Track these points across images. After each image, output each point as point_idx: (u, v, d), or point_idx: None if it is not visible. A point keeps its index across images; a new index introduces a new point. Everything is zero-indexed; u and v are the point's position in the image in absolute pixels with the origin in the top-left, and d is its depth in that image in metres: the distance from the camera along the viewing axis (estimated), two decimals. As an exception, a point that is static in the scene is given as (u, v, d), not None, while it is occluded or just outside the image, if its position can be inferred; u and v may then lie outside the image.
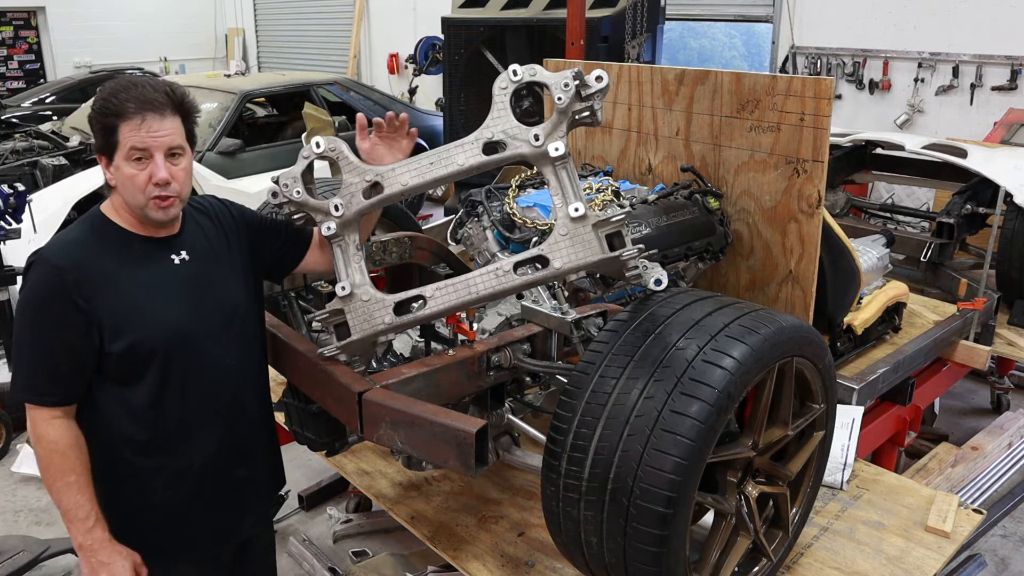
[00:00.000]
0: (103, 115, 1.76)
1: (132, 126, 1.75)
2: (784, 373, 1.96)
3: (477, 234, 2.75)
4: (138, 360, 1.82)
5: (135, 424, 1.85)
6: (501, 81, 1.87)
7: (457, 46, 6.95)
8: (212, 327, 1.92)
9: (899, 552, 2.29)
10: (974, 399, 4.88)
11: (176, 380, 1.86)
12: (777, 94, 2.81)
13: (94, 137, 1.82)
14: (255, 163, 6.77)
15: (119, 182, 1.81)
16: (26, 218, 4.57)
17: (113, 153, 1.78)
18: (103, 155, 1.81)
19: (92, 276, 1.77)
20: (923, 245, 4.24)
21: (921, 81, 7.07)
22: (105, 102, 1.76)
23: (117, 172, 1.79)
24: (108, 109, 1.75)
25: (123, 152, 1.76)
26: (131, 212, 1.85)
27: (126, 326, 1.79)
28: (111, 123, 1.75)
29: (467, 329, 2.31)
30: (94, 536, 1.82)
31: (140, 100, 1.76)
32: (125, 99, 1.75)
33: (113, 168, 1.80)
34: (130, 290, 1.81)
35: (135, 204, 1.82)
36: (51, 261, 1.77)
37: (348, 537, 3.59)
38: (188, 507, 1.95)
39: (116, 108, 1.75)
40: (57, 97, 9.49)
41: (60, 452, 1.80)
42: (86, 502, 1.81)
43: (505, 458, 2.33)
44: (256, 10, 14.64)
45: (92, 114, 1.79)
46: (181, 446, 1.91)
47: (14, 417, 4.45)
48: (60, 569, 3.46)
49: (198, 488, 1.94)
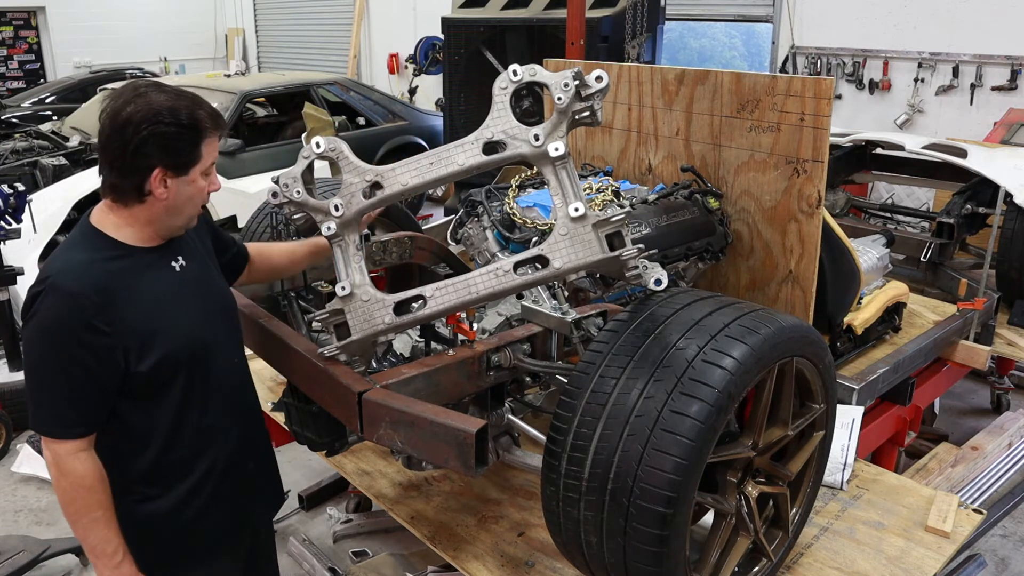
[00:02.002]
0: (189, 130, 1.72)
1: (215, 142, 1.79)
2: (784, 373, 1.96)
3: (477, 234, 2.75)
4: (164, 374, 1.79)
5: (161, 436, 1.84)
6: (501, 81, 1.87)
7: (457, 46, 6.95)
8: (219, 327, 1.94)
9: (899, 552, 2.29)
10: (974, 399, 4.88)
11: (199, 386, 1.87)
12: (777, 94, 2.81)
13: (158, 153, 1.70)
14: (255, 163, 6.77)
15: (184, 196, 1.77)
16: (26, 218, 4.58)
17: (190, 168, 1.75)
18: (171, 170, 1.73)
19: (111, 298, 1.71)
20: (923, 245, 4.24)
21: (921, 81, 7.06)
22: (190, 117, 1.73)
23: (188, 186, 1.76)
24: (192, 124, 1.73)
25: (203, 167, 1.78)
26: (154, 225, 1.80)
27: (152, 343, 1.76)
28: (197, 138, 1.74)
29: (467, 329, 2.31)
30: (122, 571, 1.80)
31: (214, 116, 1.79)
32: (205, 115, 1.76)
33: (184, 182, 1.75)
34: (148, 305, 1.77)
35: (190, 214, 1.82)
36: (66, 288, 1.68)
37: (348, 537, 3.59)
38: (209, 506, 1.95)
39: (200, 123, 1.75)
40: (57, 97, 9.50)
41: (87, 487, 1.74)
42: (113, 536, 1.78)
43: (505, 458, 2.33)
44: (256, 10, 14.64)
45: (166, 130, 1.69)
46: (208, 449, 1.91)
47: (14, 417, 4.46)
48: (60, 569, 3.46)
49: (218, 487, 1.96)
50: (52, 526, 3.76)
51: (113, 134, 1.70)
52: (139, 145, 1.68)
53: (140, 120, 1.68)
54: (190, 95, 1.78)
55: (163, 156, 1.71)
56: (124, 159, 1.70)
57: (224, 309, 2.00)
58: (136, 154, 1.69)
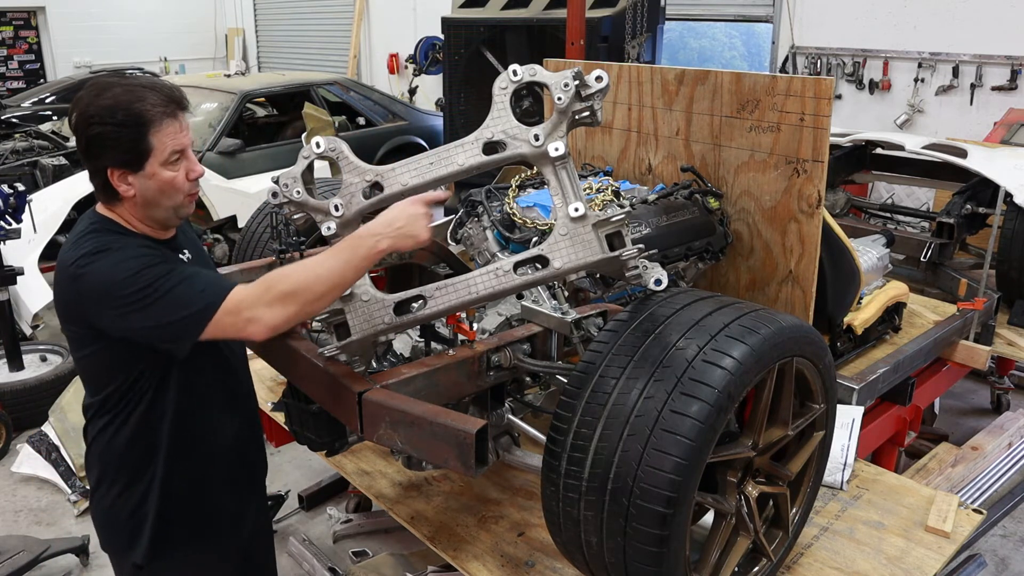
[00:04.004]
0: (127, 127, 1.67)
1: (169, 129, 1.72)
2: (784, 373, 1.96)
3: (477, 234, 2.75)
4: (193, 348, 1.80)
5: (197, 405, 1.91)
6: (501, 81, 1.87)
7: (457, 46, 6.95)
8: None
9: (899, 552, 2.29)
10: (974, 399, 4.88)
11: (220, 368, 1.96)
12: (777, 94, 2.81)
13: (105, 153, 1.69)
14: (255, 163, 6.77)
15: (152, 190, 1.75)
16: (26, 218, 4.58)
17: (143, 162, 1.71)
18: (123, 168, 1.71)
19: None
20: (923, 245, 4.24)
21: (921, 81, 7.06)
22: (127, 113, 1.67)
23: (150, 180, 1.73)
24: (132, 120, 1.68)
25: (160, 158, 1.72)
26: (146, 220, 1.81)
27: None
28: (140, 132, 1.69)
29: (467, 329, 2.31)
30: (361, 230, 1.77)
31: (167, 101, 1.72)
32: (151, 104, 1.69)
33: (143, 177, 1.73)
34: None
35: (171, 205, 1.79)
36: (126, 250, 1.72)
37: (348, 537, 3.59)
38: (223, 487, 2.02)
39: (142, 116, 1.68)
40: (57, 97, 9.48)
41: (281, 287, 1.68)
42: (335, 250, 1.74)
43: (505, 458, 2.33)
44: (256, 10, 14.64)
45: (104, 130, 1.67)
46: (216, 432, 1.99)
47: (14, 417, 4.46)
48: (60, 569, 3.46)
49: (228, 470, 2.03)
50: (52, 526, 3.76)
51: (75, 137, 1.74)
52: (87, 147, 1.71)
53: (81, 123, 1.70)
54: (143, 86, 1.73)
55: (109, 156, 1.71)
56: (84, 161, 1.75)
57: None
58: (87, 156, 1.73)
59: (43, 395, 4.47)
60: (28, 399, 4.51)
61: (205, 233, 5.63)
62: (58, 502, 3.93)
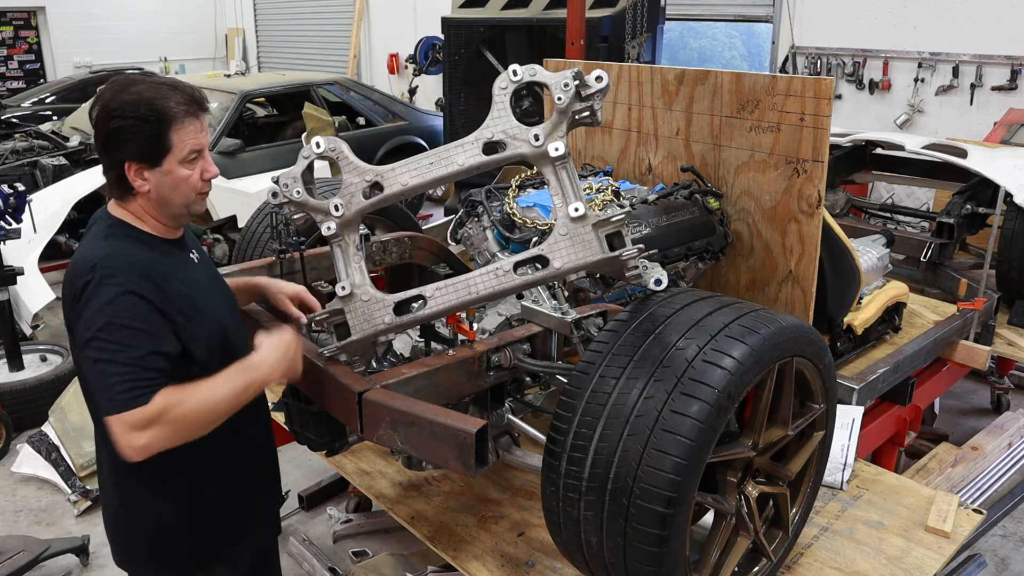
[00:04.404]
0: (148, 122, 1.69)
1: (190, 128, 1.74)
2: (784, 373, 1.96)
3: (477, 234, 2.75)
4: (201, 358, 1.79)
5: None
6: (501, 81, 1.87)
7: (457, 46, 6.96)
8: (235, 319, 1.99)
9: (899, 552, 2.29)
10: (974, 399, 4.88)
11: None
12: (777, 94, 2.81)
13: (124, 146, 1.71)
14: (255, 163, 6.77)
15: (166, 186, 1.75)
16: (26, 218, 4.58)
17: (162, 158, 1.73)
18: (141, 162, 1.72)
19: (157, 280, 1.72)
20: (923, 245, 4.24)
21: (921, 81, 7.06)
22: (150, 108, 1.69)
23: (167, 176, 1.74)
24: (155, 115, 1.70)
25: (179, 156, 1.74)
26: (158, 216, 1.81)
27: (197, 320, 1.79)
28: (161, 129, 1.71)
29: (467, 329, 2.31)
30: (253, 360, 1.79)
31: (190, 101, 1.75)
32: (175, 102, 1.72)
33: (160, 173, 1.74)
34: (185, 289, 1.79)
35: (182, 203, 1.80)
36: (125, 287, 1.67)
37: (348, 537, 3.59)
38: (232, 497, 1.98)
39: (165, 113, 1.71)
40: (57, 97, 9.49)
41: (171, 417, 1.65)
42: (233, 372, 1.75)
43: (505, 458, 2.33)
44: (256, 10, 14.64)
45: (125, 123, 1.69)
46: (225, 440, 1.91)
47: (14, 417, 4.46)
48: (60, 569, 3.46)
49: (239, 478, 1.98)
50: (52, 526, 3.76)
51: (94, 130, 1.76)
52: (105, 140, 1.73)
53: (103, 116, 1.71)
54: (167, 84, 1.76)
55: (128, 149, 1.72)
56: (101, 154, 1.76)
57: (232, 303, 2.03)
58: (105, 149, 1.74)
59: (43, 395, 4.47)
60: (28, 399, 4.50)
61: (205, 233, 5.63)
62: (58, 502, 3.93)
